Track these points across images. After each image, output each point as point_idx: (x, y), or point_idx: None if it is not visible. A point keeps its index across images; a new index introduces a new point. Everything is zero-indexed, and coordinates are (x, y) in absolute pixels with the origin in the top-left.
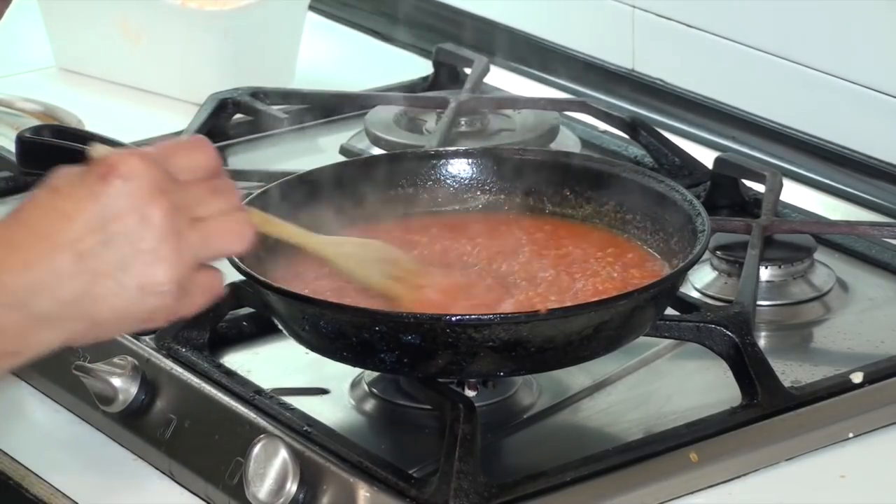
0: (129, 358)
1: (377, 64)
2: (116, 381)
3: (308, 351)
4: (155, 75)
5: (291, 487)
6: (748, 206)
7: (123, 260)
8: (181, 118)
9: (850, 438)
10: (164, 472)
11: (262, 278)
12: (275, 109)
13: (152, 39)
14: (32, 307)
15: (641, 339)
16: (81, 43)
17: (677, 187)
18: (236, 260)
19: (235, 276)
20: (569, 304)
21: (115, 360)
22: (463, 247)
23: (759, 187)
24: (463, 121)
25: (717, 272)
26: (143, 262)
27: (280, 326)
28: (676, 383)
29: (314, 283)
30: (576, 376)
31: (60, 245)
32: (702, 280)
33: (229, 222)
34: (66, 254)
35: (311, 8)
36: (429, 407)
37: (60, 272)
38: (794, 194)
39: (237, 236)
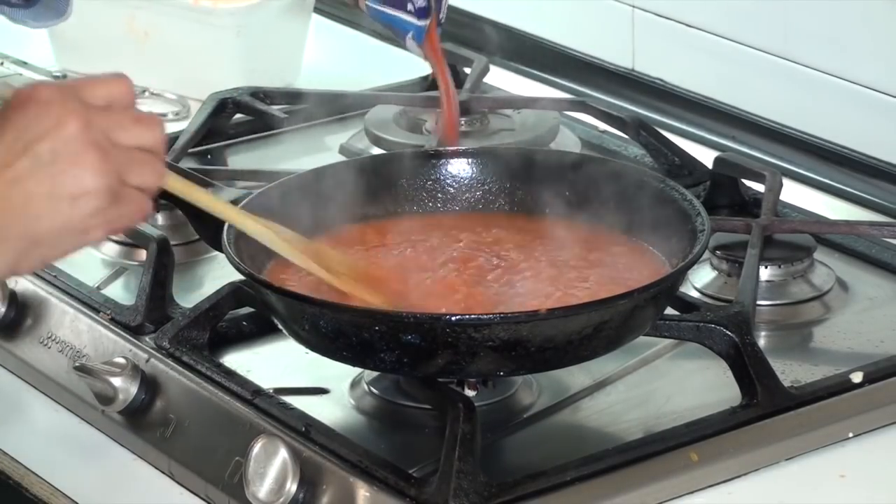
0: (129, 358)
1: (377, 64)
2: (116, 381)
3: (308, 351)
4: (163, 73)
5: (291, 487)
6: (748, 206)
7: (52, 173)
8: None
9: (849, 438)
10: (164, 472)
11: (262, 278)
12: (275, 109)
13: (162, 37)
14: None
15: (641, 338)
16: (83, 43)
17: (677, 187)
18: (236, 260)
19: (235, 276)
20: (568, 303)
21: (115, 360)
22: (463, 246)
23: (759, 187)
24: (463, 121)
25: (716, 272)
26: (70, 172)
27: (280, 326)
28: (676, 383)
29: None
30: (576, 376)
31: None
32: (702, 280)
33: (148, 157)
34: None
35: (314, 9)
36: (429, 407)
37: None
38: (794, 194)
39: (154, 172)
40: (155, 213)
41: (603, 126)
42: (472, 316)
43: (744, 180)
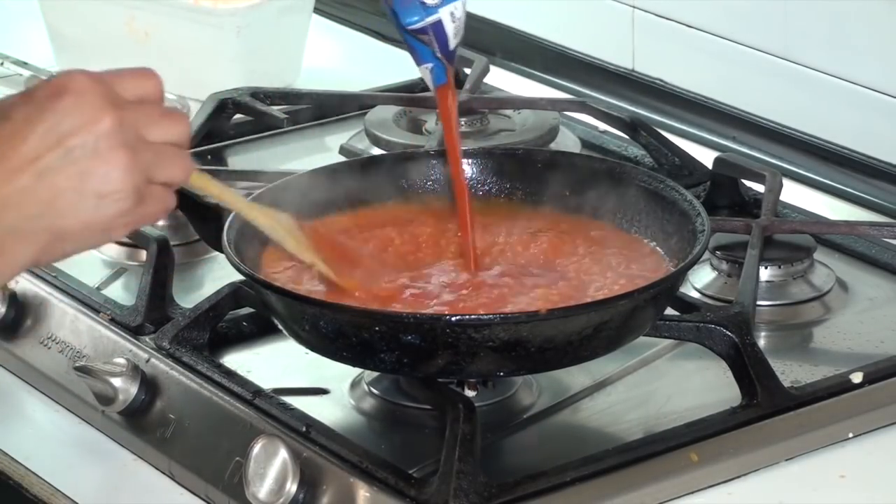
0: (129, 358)
1: (378, 64)
2: (116, 381)
3: (308, 351)
4: (163, 73)
5: (291, 487)
6: (748, 206)
7: (81, 171)
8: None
9: (849, 438)
10: (164, 472)
11: (262, 278)
12: (275, 109)
13: (162, 37)
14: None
15: (641, 339)
16: (83, 42)
17: (677, 187)
18: (236, 260)
19: (235, 276)
20: (568, 303)
21: (115, 360)
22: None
23: (759, 187)
24: (463, 121)
25: (716, 272)
26: (99, 171)
27: (280, 326)
28: (676, 383)
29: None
30: (576, 376)
31: (19, 165)
32: (702, 280)
33: (177, 151)
34: (25, 173)
35: (314, 9)
36: (429, 407)
37: (23, 190)
38: (794, 194)
39: (182, 168)
40: (177, 208)
41: (603, 126)
42: (472, 316)
43: (744, 180)
